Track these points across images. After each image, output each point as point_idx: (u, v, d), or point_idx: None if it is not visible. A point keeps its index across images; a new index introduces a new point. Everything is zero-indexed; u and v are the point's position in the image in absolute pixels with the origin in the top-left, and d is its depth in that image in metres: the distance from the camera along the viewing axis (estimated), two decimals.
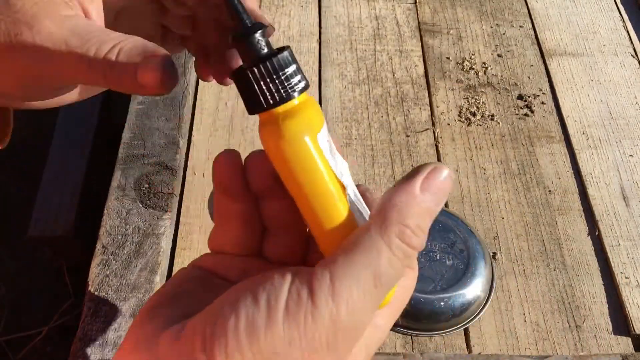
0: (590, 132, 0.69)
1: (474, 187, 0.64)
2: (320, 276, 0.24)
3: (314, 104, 0.27)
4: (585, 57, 0.77)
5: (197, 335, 0.24)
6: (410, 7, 0.83)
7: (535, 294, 0.56)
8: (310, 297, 0.24)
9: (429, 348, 0.53)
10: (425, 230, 0.26)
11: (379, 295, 0.25)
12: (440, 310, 0.52)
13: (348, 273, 0.24)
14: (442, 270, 0.54)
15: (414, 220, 0.25)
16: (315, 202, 0.27)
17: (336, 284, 0.24)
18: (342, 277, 0.24)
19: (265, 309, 0.24)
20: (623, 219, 0.61)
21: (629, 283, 0.57)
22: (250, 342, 0.23)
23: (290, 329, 0.23)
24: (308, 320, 0.23)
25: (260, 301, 0.24)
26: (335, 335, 0.24)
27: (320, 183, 0.27)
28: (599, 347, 0.53)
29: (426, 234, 0.26)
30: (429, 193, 0.26)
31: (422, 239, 0.25)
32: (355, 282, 0.24)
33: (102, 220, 0.57)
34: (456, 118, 0.70)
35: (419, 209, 0.25)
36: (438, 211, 0.26)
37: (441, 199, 0.26)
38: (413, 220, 0.25)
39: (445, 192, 0.26)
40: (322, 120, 0.27)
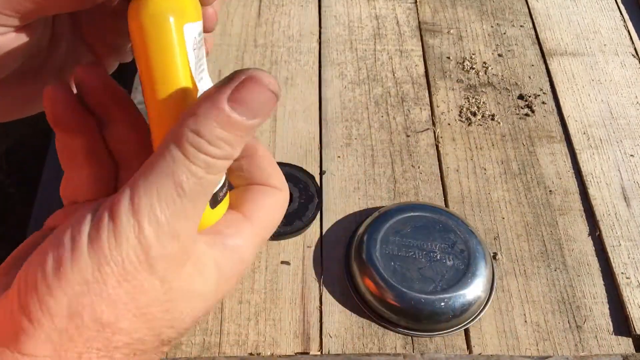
0: (591, 132, 0.69)
1: (474, 187, 0.64)
2: (122, 197, 0.23)
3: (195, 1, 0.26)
4: (586, 57, 0.77)
5: (14, 293, 0.23)
6: (411, 6, 0.83)
7: (536, 294, 0.56)
8: (111, 220, 0.23)
9: (429, 348, 0.52)
10: (234, 143, 0.24)
11: (188, 207, 0.24)
12: (440, 311, 0.52)
13: (147, 186, 0.23)
14: (442, 271, 0.54)
15: (213, 131, 0.23)
16: (162, 89, 0.25)
17: (135, 200, 0.23)
18: (142, 191, 0.23)
19: (69, 244, 0.23)
20: (624, 219, 0.61)
21: (629, 283, 0.57)
22: (59, 281, 0.22)
23: (96, 255, 0.22)
24: (112, 243, 0.22)
25: (64, 239, 0.23)
26: (146, 254, 0.23)
27: (171, 69, 0.25)
28: (599, 348, 0.53)
29: (235, 146, 0.24)
30: (239, 105, 0.24)
31: (226, 151, 0.24)
32: (155, 194, 0.23)
33: None
34: (456, 118, 0.70)
35: (221, 120, 0.23)
36: (256, 124, 0.24)
37: (257, 113, 0.24)
38: (210, 131, 0.23)
39: (263, 105, 0.24)
40: (198, 17, 0.26)
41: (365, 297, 0.54)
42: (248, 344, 0.52)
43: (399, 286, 0.53)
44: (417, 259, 0.54)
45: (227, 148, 0.24)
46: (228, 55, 0.75)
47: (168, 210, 0.23)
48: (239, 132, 0.24)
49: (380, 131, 0.68)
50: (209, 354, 0.52)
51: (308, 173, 0.61)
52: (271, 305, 0.55)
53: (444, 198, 0.63)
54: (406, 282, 0.53)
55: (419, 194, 0.63)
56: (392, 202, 0.62)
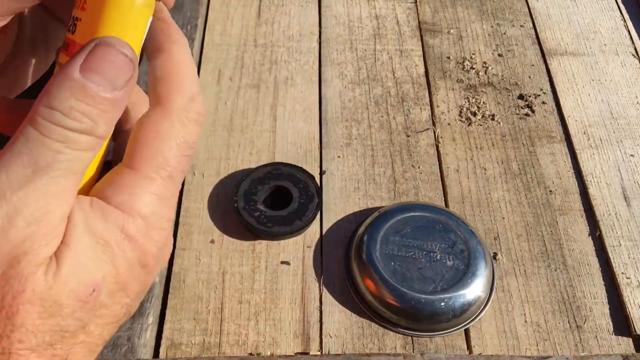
0: (591, 131, 0.69)
1: (474, 187, 0.64)
2: None
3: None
4: (586, 57, 0.77)
5: None
6: (411, 6, 0.83)
7: (536, 295, 0.56)
8: None
9: (429, 349, 0.52)
10: (95, 117, 0.23)
11: (50, 184, 0.22)
12: (440, 311, 0.52)
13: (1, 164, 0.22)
14: (442, 271, 0.54)
15: (66, 102, 0.22)
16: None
17: None
18: None
19: None
20: (624, 219, 0.61)
21: (630, 283, 0.57)
22: None
23: None
24: None
25: None
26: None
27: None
28: (599, 348, 0.53)
29: (97, 120, 0.23)
30: (92, 73, 0.22)
31: (86, 124, 0.23)
32: (4, 170, 0.22)
33: None
34: (457, 118, 0.70)
35: (75, 90, 0.22)
36: (118, 97, 0.23)
37: (114, 81, 0.23)
38: (64, 101, 0.22)
39: (118, 71, 0.23)
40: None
41: (365, 297, 0.54)
42: (248, 344, 0.52)
43: (399, 286, 0.53)
44: (417, 259, 0.54)
45: (87, 121, 0.22)
46: (228, 55, 0.75)
47: (21, 190, 0.22)
48: (100, 105, 0.23)
49: (380, 131, 0.68)
50: (209, 354, 0.52)
51: (308, 173, 0.61)
52: (271, 305, 0.55)
53: (444, 198, 0.63)
54: (406, 282, 0.53)
55: (419, 194, 0.63)
56: (392, 202, 0.62)
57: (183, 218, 0.60)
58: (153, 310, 0.52)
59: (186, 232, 0.59)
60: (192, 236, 0.59)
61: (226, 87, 0.72)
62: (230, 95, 0.71)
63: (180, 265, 0.57)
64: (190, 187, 0.63)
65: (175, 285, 0.56)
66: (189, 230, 0.60)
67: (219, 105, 0.70)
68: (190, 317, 0.54)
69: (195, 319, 0.54)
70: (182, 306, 0.54)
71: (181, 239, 0.59)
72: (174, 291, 0.55)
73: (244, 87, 0.72)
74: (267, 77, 0.73)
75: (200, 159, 0.65)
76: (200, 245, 0.58)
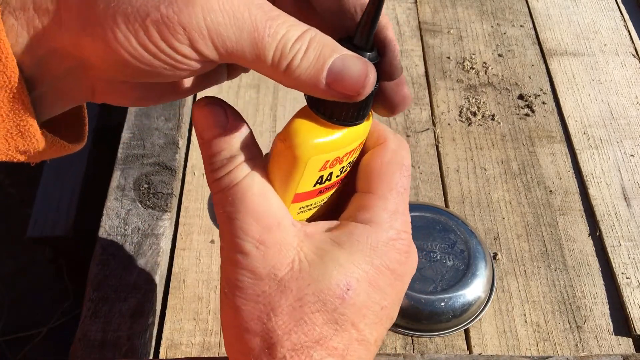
0: (591, 132, 0.69)
1: (474, 187, 0.64)
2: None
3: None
4: (586, 57, 0.77)
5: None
6: (411, 6, 0.83)
7: (536, 295, 0.56)
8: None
9: (429, 349, 0.52)
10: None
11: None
12: (440, 311, 0.52)
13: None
14: (442, 271, 0.54)
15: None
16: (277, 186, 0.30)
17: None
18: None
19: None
20: (624, 220, 0.61)
21: (630, 283, 0.57)
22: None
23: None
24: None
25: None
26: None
27: (286, 184, 0.30)
28: (599, 348, 0.53)
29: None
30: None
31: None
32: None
33: (102, 220, 0.57)
34: (457, 118, 0.70)
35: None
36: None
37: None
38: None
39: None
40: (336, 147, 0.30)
41: None
42: None
43: None
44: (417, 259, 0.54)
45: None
46: None
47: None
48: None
49: None
50: (209, 354, 0.52)
51: None
52: None
53: (444, 198, 0.63)
54: None
55: (419, 194, 0.63)
56: None
57: (183, 218, 0.60)
58: (153, 310, 0.52)
59: (186, 232, 0.59)
60: (192, 236, 0.59)
61: (226, 87, 0.72)
62: (230, 95, 0.71)
63: (180, 265, 0.57)
64: (190, 187, 0.63)
65: (175, 285, 0.56)
66: (189, 230, 0.60)
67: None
68: (190, 317, 0.54)
69: (195, 319, 0.54)
70: (182, 306, 0.54)
71: (181, 239, 0.59)
72: (174, 291, 0.55)
73: (244, 87, 0.72)
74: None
75: (200, 159, 0.65)
76: (200, 245, 0.58)
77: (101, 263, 0.54)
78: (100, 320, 0.51)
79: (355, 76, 0.26)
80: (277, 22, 0.25)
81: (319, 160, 0.29)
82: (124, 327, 0.50)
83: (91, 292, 0.52)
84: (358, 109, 0.28)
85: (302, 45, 0.25)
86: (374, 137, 0.32)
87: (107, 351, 0.49)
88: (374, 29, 0.27)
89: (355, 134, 0.30)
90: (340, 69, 0.26)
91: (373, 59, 0.27)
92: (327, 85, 0.26)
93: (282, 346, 0.28)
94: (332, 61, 0.26)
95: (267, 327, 0.28)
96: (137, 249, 0.55)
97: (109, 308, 0.51)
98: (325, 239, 0.30)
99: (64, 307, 1.19)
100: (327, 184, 0.31)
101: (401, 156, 0.32)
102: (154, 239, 0.56)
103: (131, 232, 0.56)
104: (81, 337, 0.50)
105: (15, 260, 1.26)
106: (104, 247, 0.55)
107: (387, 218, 0.30)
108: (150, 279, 0.53)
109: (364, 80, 0.26)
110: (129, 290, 0.52)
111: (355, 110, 0.28)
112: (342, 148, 0.30)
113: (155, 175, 0.61)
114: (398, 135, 0.33)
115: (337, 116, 0.28)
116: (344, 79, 0.26)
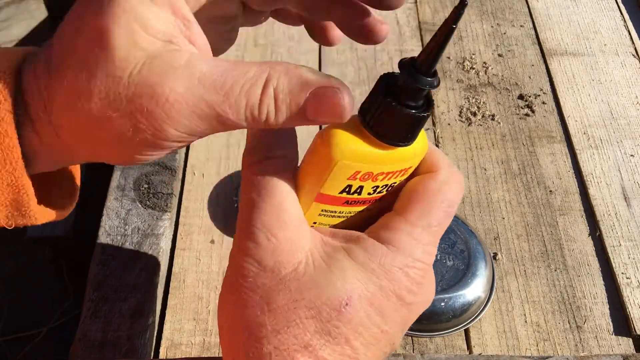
0: (591, 132, 0.69)
1: (474, 187, 0.64)
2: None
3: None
4: (586, 57, 0.77)
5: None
6: (411, 6, 0.83)
7: (536, 295, 0.56)
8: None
9: (429, 349, 0.52)
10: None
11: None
12: (440, 311, 0.52)
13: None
14: (442, 271, 0.54)
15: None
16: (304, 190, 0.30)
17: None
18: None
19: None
20: (624, 220, 0.61)
21: (630, 283, 0.57)
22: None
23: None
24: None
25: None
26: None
27: (312, 186, 0.30)
28: (599, 348, 0.53)
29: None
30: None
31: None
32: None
33: (102, 220, 0.57)
34: (457, 118, 0.70)
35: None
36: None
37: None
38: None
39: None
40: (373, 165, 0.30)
41: None
42: None
43: None
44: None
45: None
46: (228, 55, 0.75)
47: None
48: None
49: None
50: (209, 354, 0.52)
51: None
52: None
53: None
54: None
55: None
56: None
57: (183, 218, 0.60)
58: (153, 310, 0.52)
59: (186, 232, 0.59)
60: (192, 236, 0.59)
61: None
62: None
63: (180, 265, 0.57)
64: (190, 187, 0.63)
65: (175, 285, 0.56)
66: (189, 230, 0.60)
67: None
68: (190, 317, 0.54)
69: (195, 319, 0.54)
70: (182, 306, 0.54)
71: (181, 239, 0.59)
72: (174, 291, 0.55)
73: None
74: None
75: (199, 159, 0.65)
76: (200, 245, 0.58)
77: (101, 263, 0.54)
78: (100, 320, 0.51)
79: (331, 105, 0.26)
80: (234, 92, 0.25)
81: (349, 167, 0.28)
82: (124, 327, 0.50)
83: (91, 292, 0.52)
84: (400, 132, 0.28)
85: (270, 102, 0.26)
86: (427, 165, 0.31)
87: (107, 351, 0.49)
88: (439, 57, 0.27)
89: (396, 157, 0.29)
90: (316, 106, 0.26)
91: (432, 85, 0.27)
92: (311, 120, 0.26)
93: (268, 342, 0.28)
94: (306, 101, 0.26)
95: (259, 320, 0.28)
96: (137, 249, 0.55)
97: (109, 308, 0.51)
98: (338, 248, 0.30)
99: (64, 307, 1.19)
100: (356, 197, 0.31)
101: (448, 189, 0.30)
102: (154, 239, 0.56)
103: (131, 232, 0.56)
104: (81, 337, 0.50)
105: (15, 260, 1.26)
106: (104, 247, 0.55)
107: (409, 244, 0.29)
108: (150, 279, 0.53)
109: (340, 109, 0.26)
110: (129, 290, 0.52)
111: (397, 131, 0.28)
112: (377, 164, 0.29)
113: (155, 175, 0.61)
114: (456, 169, 0.32)
115: (377, 130, 0.28)
116: (324, 112, 0.26)
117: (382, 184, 0.30)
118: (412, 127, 0.28)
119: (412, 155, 0.30)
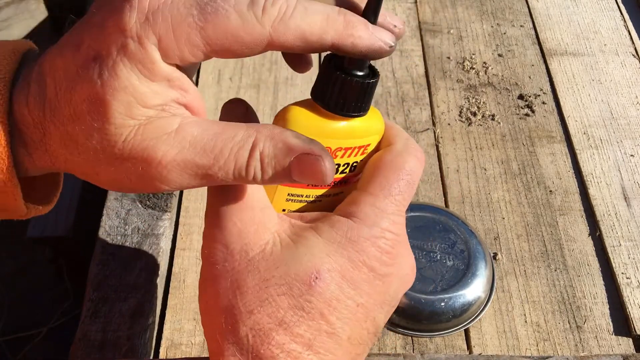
0: (591, 132, 0.69)
1: (474, 187, 0.64)
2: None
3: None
4: (586, 57, 0.77)
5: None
6: (411, 6, 0.83)
7: (536, 295, 0.56)
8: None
9: (429, 349, 0.52)
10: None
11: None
12: (440, 311, 0.52)
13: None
14: (442, 271, 0.54)
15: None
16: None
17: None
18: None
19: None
20: (624, 220, 0.61)
21: (630, 283, 0.57)
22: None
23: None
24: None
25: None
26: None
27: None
28: (599, 348, 0.53)
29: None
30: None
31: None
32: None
33: (102, 220, 0.57)
34: (457, 118, 0.70)
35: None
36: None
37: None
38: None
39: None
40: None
41: None
42: None
43: None
44: (417, 259, 0.54)
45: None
46: None
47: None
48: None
49: None
50: None
51: None
52: None
53: (444, 198, 0.63)
54: None
55: (419, 194, 0.63)
56: None
57: (183, 218, 0.60)
58: (153, 310, 0.52)
59: (186, 232, 0.59)
60: (192, 236, 0.59)
61: (226, 87, 0.72)
62: (231, 95, 0.71)
63: (180, 265, 0.57)
64: None
65: (175, 285, 0.56)
66: (189, 230, 0.60)
67: (219, 106, 0.70)
68: (190, 317, 0.54)
69: (195, 319, 0.54)
70: (182, 306, 0.54)
71: (181, 239, 0.59)
72: (174, 291, 0.55)
73: (244, 87, 0.72)
74: (267, 77, 0.73)
75: None
76: (200, 245, 0.58)
77: (101, 263, 0.54)
78: (100, 320, 0.51)
79: (313, 171, 0.27)
80: (223, 155, 0.27)
81: None
82: (124, 327, 0.50)
83: (91, 292, 0.52)
84: (349, 101, 0.29)
85: (256, 165, 0.27)
86: (385, 142, 0.33)
87: (107, 351, 0.49)
88: (376, 18, 0.28)
89: (351, 130, 0.30)
90: (300, 170, 0.27)
91: (369, 78, 0.29)
92: (296, 180, 0.28)
93: (244, 324, 0.28)
94: (291, 163, 0.27)
95: (232, 303, 0.28)
96: (137, 249, 0.55)
97: (109, 308, 0.51)
98: (305, 227, 0.30)
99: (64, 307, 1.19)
100: None
101: (403, 159, 0.31)
102: (154, 239, 0.56)
103: (131, 232, 0.56)
104: (81, 337, 0.50)
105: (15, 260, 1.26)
106: (104, 247, 0.55)
107: (373, 215, 0.30)
108: (150, 279, 0.53)
109: (322, 175, 0.27)
110: (129, 290, 0.53)
111: (347, 101, 0.29)
112: (332, 138, 0.30)
113: None
114: (410, 140, 0.33)
115: (328, 103, 0.29)
116: (306, 176, 0.27)
117: (343, 161, 0.31)
118: (361, 95, 0.29)
119: (367, 130, 0.31)
